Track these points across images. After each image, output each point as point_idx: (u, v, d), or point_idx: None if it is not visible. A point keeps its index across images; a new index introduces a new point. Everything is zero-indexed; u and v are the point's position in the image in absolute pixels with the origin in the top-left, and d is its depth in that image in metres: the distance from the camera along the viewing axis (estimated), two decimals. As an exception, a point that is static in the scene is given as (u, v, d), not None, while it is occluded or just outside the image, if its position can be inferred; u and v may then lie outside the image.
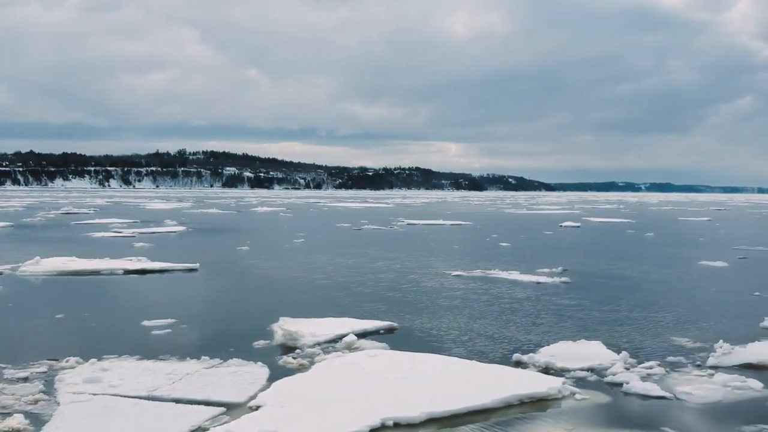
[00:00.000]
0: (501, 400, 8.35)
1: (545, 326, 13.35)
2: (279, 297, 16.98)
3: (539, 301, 16.46)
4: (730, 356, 10.89)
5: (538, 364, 10.25)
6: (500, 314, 14.62)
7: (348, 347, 11.19)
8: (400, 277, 20.63)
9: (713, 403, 8.69)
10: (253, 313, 14.06)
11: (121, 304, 15.78)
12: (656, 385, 9.19)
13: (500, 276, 20.77)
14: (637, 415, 8.24)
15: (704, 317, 14.62)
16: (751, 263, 25.91)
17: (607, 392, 9.11)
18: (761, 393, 9.06)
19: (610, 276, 21.47)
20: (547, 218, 61.75)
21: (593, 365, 10.18)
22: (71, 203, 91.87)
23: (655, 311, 15.19)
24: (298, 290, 18.03)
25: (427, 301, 16.34)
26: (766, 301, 16.65)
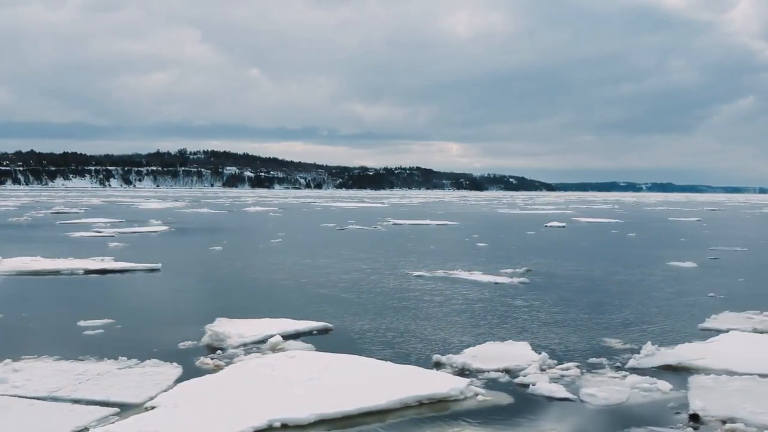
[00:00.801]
0: (398, 401, 8.36)
1: (483, 327, 13.35)
2: (228, 298, 17.00)
3: (488, 301, 16.46)
4: (652, 358, 10.90)
5: (455, 365, 10.26)
6: (443, 315, 14.63)
7: (273, 348, 11.21)
8: (362, 278, 20.63)
9: (613, 404, 8.69)
10: (195, 314, 14.07)
11: (65, 304, 15.81)
12: (562, 387, 9.20)
13: (461, 276, 20.78)
14: (532, 416, 8.25)
15: (648, 319, 14.61)
16: (720, 264, 25.87)
17: (512, 393, 9.12)
18: (666, 395, 9.06)
19: (572, 277, 21.45)
20: (535, 218, 61.69)
21: (510, 366, 10.19)
22: (66, 203, 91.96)
23: (602, 312, 15.19)
24: (251, 291, 18.07)
25: (377, 302, 16.34)
26: (717, 302, 16.61)
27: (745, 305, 16.04)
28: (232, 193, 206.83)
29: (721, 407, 8.43)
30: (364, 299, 16.69)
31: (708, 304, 16.31)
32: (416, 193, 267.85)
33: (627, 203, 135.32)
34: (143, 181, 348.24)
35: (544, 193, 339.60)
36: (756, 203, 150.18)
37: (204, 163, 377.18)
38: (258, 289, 18.44)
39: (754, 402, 8.61)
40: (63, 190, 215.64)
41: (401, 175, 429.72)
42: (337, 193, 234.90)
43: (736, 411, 8.29)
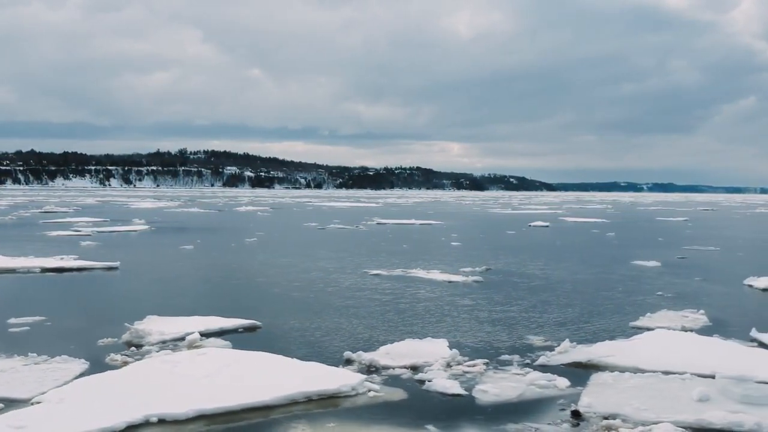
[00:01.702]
0: (284, 397, 8.42)
1: (412, 325, 13.39)
2: (171, 295, 17.05)
3: (432, 300, 16.51)
4: (564, 355, 10.95)
5: (363, 362, 10.31)
6: (379, 313, 14.69)
7: (189, 345, 11.27)
8: (318, 277, 20.69)
9: (502, 400, 8.75)
10: (129, 312, 14.06)
11: (4, 302, 15.86)
12: (458, 383, 9.26)
13: (417, 275, 20.83)
14: (416, 411, 8.31)
15: (585, 317, 14.65)
16: (685, 263, 25.89)
17: (407, 389, 9.18)
18: (561, 392, 9.10)
19: (530, 276, 21.48)
20: (523, 218, 61.67)
21: (418, 363, 10.25)
22: (59, 202, 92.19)
23: (543, 311, 15.22)
24: (197, 289, 18.16)
25: (320, 300, 16.40)
26: (661, 301, 16.66)
27: (686, 304, 16.11)
28: (230, 193, 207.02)
29: (609, 404, 8.48)
30: (309, 298, 16.75)
31: (650, 303, 16.35)
32: (415, 193, 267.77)
33: (623, 203, 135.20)
34: (143, 180, 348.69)
35: (543, 193, 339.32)
36: (752, 203, 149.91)
37: (204, 162, 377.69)
38: (205, 287, 18.52)
39: (644, 399, 8.66)
40: (62, 190, 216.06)
41: (401, 175, 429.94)
42: (335, 193, 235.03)
43: (621, 408, 8.33)
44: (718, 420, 7.89)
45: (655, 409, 8.27)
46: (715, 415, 7.96)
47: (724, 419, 7.88)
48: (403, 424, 7.86)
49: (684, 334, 12.41)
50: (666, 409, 8.30)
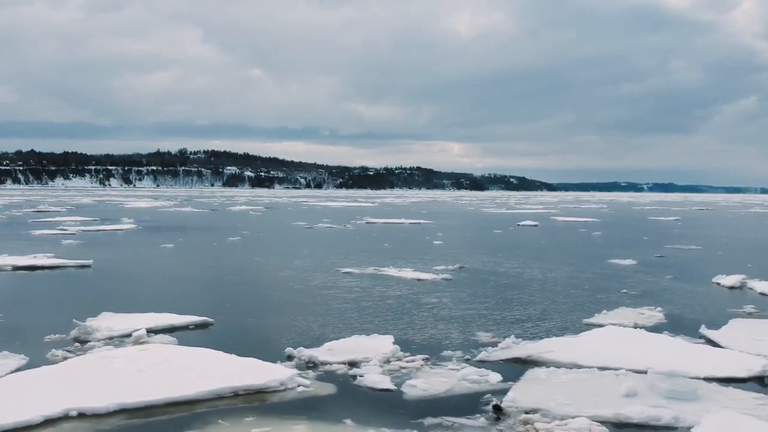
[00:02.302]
0: (210, 392, 8.47)
1: (365, 322, 13.44)
2: (133, 293, 17.06)
3: (394, 297, 16.55)
4: (505, 351, 11.00)
5: (302, 357, 10.36)
6: (336, 311, 14.74)
7: (135, 341, 11.32)
8: (290, 275, 20.75)
9: (428, 395, 8.82)
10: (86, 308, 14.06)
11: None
12: (388, 378, 9.31)
13: (388, 273, 20.88)
14: (340, 406, 8.36)
15: (544, 314, 14.69)
16: (662, 261, 25.94)
17: (338, 384, 9.24)
18: (490, 386, 9.16)
19: (502, 274, 21.52)
20: (514, 218, 61.68)
21: (357, 358, 10.30)
22: (55, 202, 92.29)
23: (503, 309, 15.27)
24: (160, 286, 18.25)
25: (282, 298, 16.49)
26: (623, 299, 16.72)
27: (646, 302, 16.18)
28: (228, 193, 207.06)
29: (534, 399, 8.52)
30: (271, 296, 16.83)
31: (612, 301, 16.39)
32: (414, 193, 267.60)
33: (619, 203, 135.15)
34: (143, 180, 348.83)
35: (542, 193, 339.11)
36: (749, 203, 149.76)
37: (204, 162, 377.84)
38: (169, 285, 18.58)
39: (570, 394, 8.71)
40: (61, 190, 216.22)
41: (402, 175, 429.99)
42: (334, 193, 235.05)
43: (545, 402, 8.38)
44: (635, 414, 7.94)
45: (578, 404, 8.32)
46: (634, 410, 8.01)
47: (642, 414, 7.93)
48: (322, 418, 7.91)
49: (632, 330, 12.44)
50: (589, 403, 8.35)
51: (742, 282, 19.21)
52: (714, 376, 9.69)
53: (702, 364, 10.11)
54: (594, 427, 7.55)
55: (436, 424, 7.76)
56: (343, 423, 7.74)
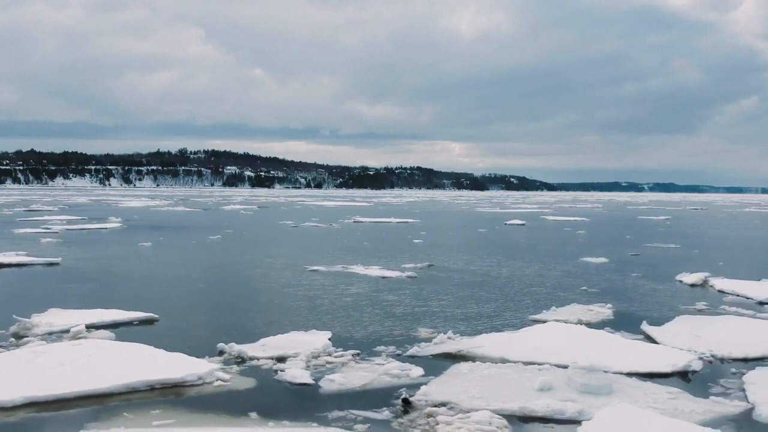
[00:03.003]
0: (125, 386, 8.54)
1: (314, 319, 13.47)
2: (88, 290, 17.04)
3: (353, 295, 16.60)
4: (438, 346, 11.07)
5: (232, 353, 10.41)
6: (288, 308, 14.84)
7: (73, 337, 11.39)
8: (255, 273, 20.86)
9: (343, 389, 8.88)
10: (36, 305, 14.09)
11: None
12: (308, 373, 9.38)
13: (355, 271, 20.94)
14: (252, 400, 8.42)
15: (496, 311, 14.76)
16: (635, 259, 25.98)
17: (259, 379, 9.30)
18: (410, 380, 9.22)
19: (469, 272, 21.55)
20: (505, 217, 61.74)
21: (286, 354, 10.36)
22: (51, 201, 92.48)
23: (457, 306, 15.32)
24: (119, 284, 18.24)
25: (239, 295, 16.61)
26: (579, 296, 16.74)
27: (600, 299, 16.24)
28: (226, 193, 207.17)
29: (447, 392, 8.57)
30: (228, 293, 16.93)
31: (568, 298, 16.42)
32: (413, 193, 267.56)
33: (616, 203, 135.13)
34: (143, 180, 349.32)
35: (542, 193, 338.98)
36: (745, 203, 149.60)
37: (204, 162, 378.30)
38: (128, 282, 18.60)
39: (484, 388, 8.77)
40: (60, 190, 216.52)
41: (402, 174, 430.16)
42: (332, 193, 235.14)
43: (457, 396, 8.44)
44: (540, 408, 7.99)
45: (488, 398, 8.37)
46: (540, 404, 8.06)
47: (548, 407, 7.98)
48: (228, 411, 7.97)
49: (572, 327, 12.47)
50: (499, 397, 8.40)
51: (704, 279, 19.25)
52: (637, 371, 9.73)
53: (629, 360, 10.15)
54: (495, 420, 7.59)
55: (340, 417, 7.82)
56: (247, 416, 7.79)
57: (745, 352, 10.81)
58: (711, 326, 12.71)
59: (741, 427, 7.70)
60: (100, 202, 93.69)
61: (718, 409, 8.20)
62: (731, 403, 8.41)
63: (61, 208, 69.08)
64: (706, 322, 13.26)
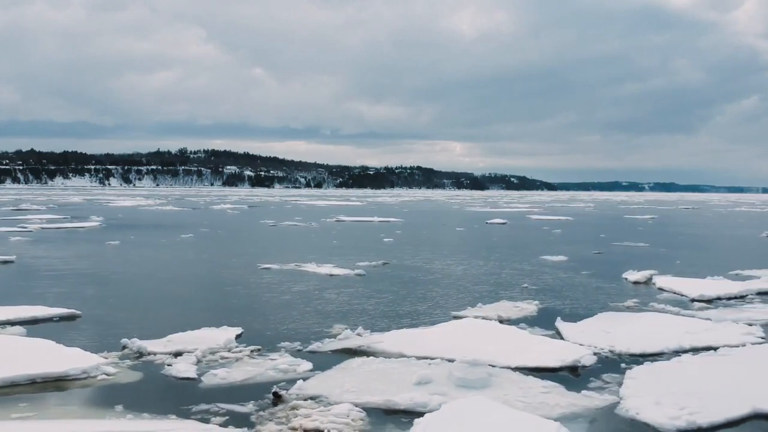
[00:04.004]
0: (5, 380, 8.64)
1: (233, 315, 13.57)
2: (24, 287, 17.12)
3: (291, 293, 16.72)
4: (341, 342, 11.22)
5: (134, 348, 10.54)
6: (212, 305, 15.00)
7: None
8: (204, 270, 21.13)
9: (223, 383, 9.00)
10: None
11: None
12: (195, 368, 9.51)
13: (306, 269, 21.06)
14: (129, 393, 8.55)
15: (423, 308, 14.86)
16: (595, 257, 26.11)
17: (145, 373, 9.42)
18: (294, 375, 9.30)
19: (422, 270, 21.64)
20: (490, 216, 61.82)
21: (185, 349, 10.48)
22: (44, 201, 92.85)
23: (389, 303, 15.42)
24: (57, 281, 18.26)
25: (173, 293, 16.77)
26: (518, 293, 16.81)
27: (534, 296, 16.36)
28: (224, 192, 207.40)
29: (321, 387, 8.69)
30: (164, 290, 17.11)
31: (502, 294, 16.52)
32: (411, 193, 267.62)
33: (609, 202, 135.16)
34: (143, 180, 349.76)
35: (540, 193, 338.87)
36: (742, 202, 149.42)
37: (204, 162, 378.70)
38: (69, 279, 18.63)
39: (363, 382, 8.90)
40: (58, 189, 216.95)
41: (402, 174, 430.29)
42: (330, 192, 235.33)
43: (330, 390, 8.55)
44: (404, 401, 8.10)
45: (360, 392, 8.48)
46: (405, 397, 8.18)
47: (411, 400, 8.09)
48: (101, 404, 8.09)
49: (484, 322, 12.57)
50: (371, 391, 8.51)
51: (649, 277, 19.32)
52: (526, 365, 9.84)
53: (522, 355, 10.25)
54: (353, 413, 7.70)
55: (203, 410, 7.93)
56: (112, 409, 7.89)
57: (644, 347, 10.89)
58: (626, 322, 12.80)
59: (594, 420, 7.81)
60: (92, 202, 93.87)
61: (584, 402, 8.30)
62: (600, 397, 8.50)
63: (50, 208, 69.29)
64: (624, 318, 13.34)
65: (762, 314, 13.84)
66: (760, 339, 11.72)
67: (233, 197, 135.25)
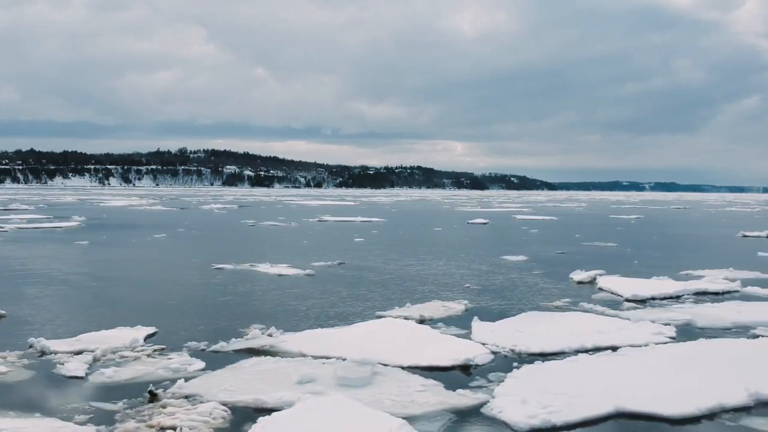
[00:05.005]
0: None
1: (155, 314, 13.70)
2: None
3: (228, 293, 16.83)
4: (246, 341, 11.36)
5: (39, 347, 10.66)
6: (138, 306, 15.07)
7: None
8: (153, 270, 21.24)
9: (106, 382, 9.10)
10: None
11: None
12: (86, 366, 9.63)
13: (258, 269, 21.19)
14: (11, 391, 8.65)
15: (354, 308, 14.93)
16: (555, 257, 26.18)
17: (36, 372, 9.54)
18: (185, 374, 9.37)
19: (375, 270, 21.73)
20: (474, 216, 61.92)
21: (86, 348, 10.60)
22: (36, 201, 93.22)
23: (324, 304, 15.50)
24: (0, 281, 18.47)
25: (110, 292, 16.85)
26: (456, 293, 16.90)
27: (469, 296, 16.45)
28: (222, 192, 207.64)
29: (202, 386, 8.83)
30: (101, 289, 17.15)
31: (438, 294, 16.62)
32: (410, 192, 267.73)
33: (603, 202, 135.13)
34: (143, 180, 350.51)
35: (538, 192, 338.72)
36: (735, 202, 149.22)
37: (204, 162, 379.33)
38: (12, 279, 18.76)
39: (246, 381, 9.02)
40: (57, 189, 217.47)
41: (402, 174, 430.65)
42: (327, 192, 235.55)
43: (208, 389, 8.68)
44: (272, 400, 8.21)
45: (236, 391, 8.60)
46: (274, 396, 8.30)
47: (280, 399, 8.20)
48: None
49: (398, 321, 12.63)
50: (248, 390, 8.62)
51: (593, 277, 19.40)
52: (418, 364, 9.96)
53: (418, 353, 10.37)
54: (217, 412, 7.81)
55: (73, 408, 8.05)
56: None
57: (544, 347, 10.98)
58: (543, 322, 12.88)
59: (452, 418, 7.90)
60: (85, 202, 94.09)
61: (453, 401, 8.40)
62: (472, 396, 8.61)
63: (39, 208, 69.53)
64: (544, 318, 13.42)
65: (685, 314, 13.92)
66: (668, 339, 11.82)
67: (229, 197, 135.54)
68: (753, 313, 14.10)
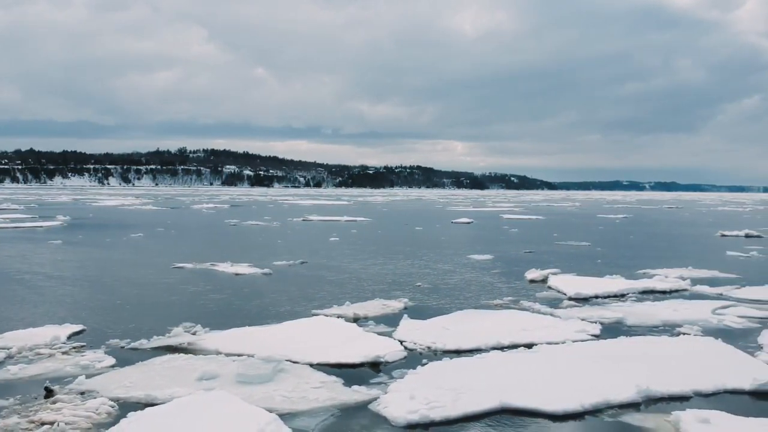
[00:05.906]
0: None
1: (87, 312, 13.83)
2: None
3: (177, 292, 16.98)
4: (165, 339, 11.48)
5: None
6: (77, 304, 15.18)
7: None
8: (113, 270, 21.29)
9: (10, 379, 9.22)
10: None
11: None
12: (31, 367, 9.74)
13: (217, 269, 21.32)
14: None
15: (291, 305, 15.05)
16: (521, 256, 26.26)
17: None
18: (92, 371, 9.56)
19: (333, 269, 21.81)
20: (462, 216, 62.02)
21: (3, 346, 10.73)
22: (30, 200, 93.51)
23: (266, 302, 15.66)
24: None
25: (59, 290, 16.94)
26: (406, 291, 16.98)
27: (413, 294, 16.54)
28: (220, 192, 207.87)
29: (103, 383, 8.97)
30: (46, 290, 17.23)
31: (386, 293, 16.70)
32: (408, 192, 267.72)
33: (597, 202, 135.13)
34: (143, 179, 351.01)
35: (535, 192, 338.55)
36: (731, 201, 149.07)
37: (204, 161, 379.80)
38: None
39: (147, 378, 9.13)
40: (56, 189, 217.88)
41: (402, 173, 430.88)
42: (326, 192, 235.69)
43: (107, 385, 8.82)
44: (163, 395, 8.33)
45: (133, 388, 8.73)
46: (167, 392, 8.43)
47: (170, 396, 8.31)
48: None
49: (328, 320, 12.78)
50: (146, 387, 8.75)
51: (546, 276, 19.50)
52: (328, 362, 10.08)
53: (328, 351, 10.47)
54: (103, 408, 7.93)
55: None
56: None
57: (461, 344, 11.08)
58: (474, 320, 12.98)
59: (335, 414, 8.01)
60: (78, 201, 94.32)
61: (344, 397, 8.51)
62: (367, 392, 8.72)
63: (30, 207, 69.77)
64: (476, 315, 13.51)
65: (618, 313, 14.02)
66: (589, 337, 11.91)
67: (224, 197, 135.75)
68: (687, 312, 14.19)
